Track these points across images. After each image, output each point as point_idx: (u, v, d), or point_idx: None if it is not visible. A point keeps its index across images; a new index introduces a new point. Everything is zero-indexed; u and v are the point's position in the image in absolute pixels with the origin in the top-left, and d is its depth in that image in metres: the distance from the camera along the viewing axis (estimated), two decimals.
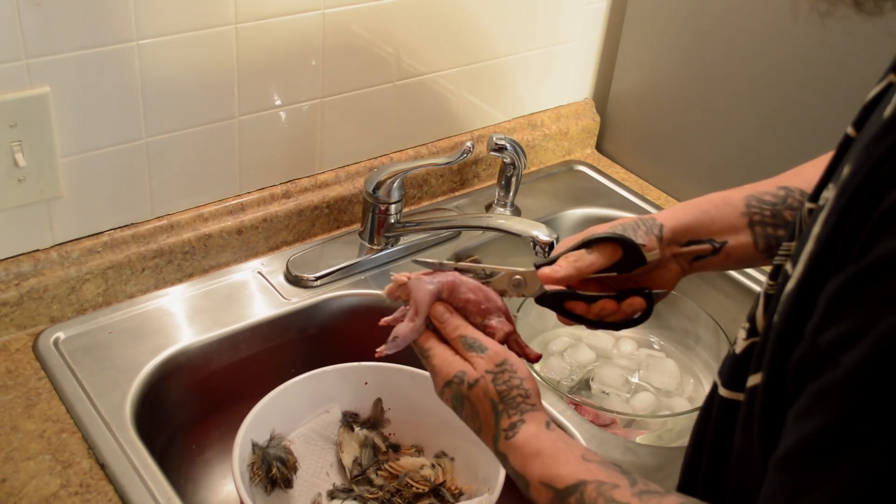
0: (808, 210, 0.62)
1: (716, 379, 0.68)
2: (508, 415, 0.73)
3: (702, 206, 0.87)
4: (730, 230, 0.85)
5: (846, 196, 0.51)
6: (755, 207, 0.85)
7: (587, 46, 1.56)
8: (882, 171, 0.49)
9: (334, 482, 1.10)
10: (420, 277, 0.80)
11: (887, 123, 0.51)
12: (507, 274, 0.83)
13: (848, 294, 0.48)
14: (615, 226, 0.85)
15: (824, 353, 0.48)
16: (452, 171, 1.45)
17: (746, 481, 0.61)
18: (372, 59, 1.29)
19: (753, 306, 0.64)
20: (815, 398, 0.48)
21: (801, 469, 0.48)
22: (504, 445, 0.73)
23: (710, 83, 1.43)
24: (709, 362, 1.30)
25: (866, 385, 0.45)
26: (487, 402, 0.74)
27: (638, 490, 0.65)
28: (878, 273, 0.46)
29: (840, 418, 0.46)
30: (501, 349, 0.76)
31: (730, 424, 0.64)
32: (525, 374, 0.75)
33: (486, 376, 0.74)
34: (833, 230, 0.51)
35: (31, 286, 1.09)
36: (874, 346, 0.45)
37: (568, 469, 0.69)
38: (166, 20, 1.07)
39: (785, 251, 0.63)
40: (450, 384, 0.76)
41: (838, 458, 0.46)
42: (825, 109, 1.27)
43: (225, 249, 1.24)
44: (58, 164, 1.07)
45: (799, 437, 0.49)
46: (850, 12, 0.51)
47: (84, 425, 1.00)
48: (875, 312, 0.45)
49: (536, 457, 0.71)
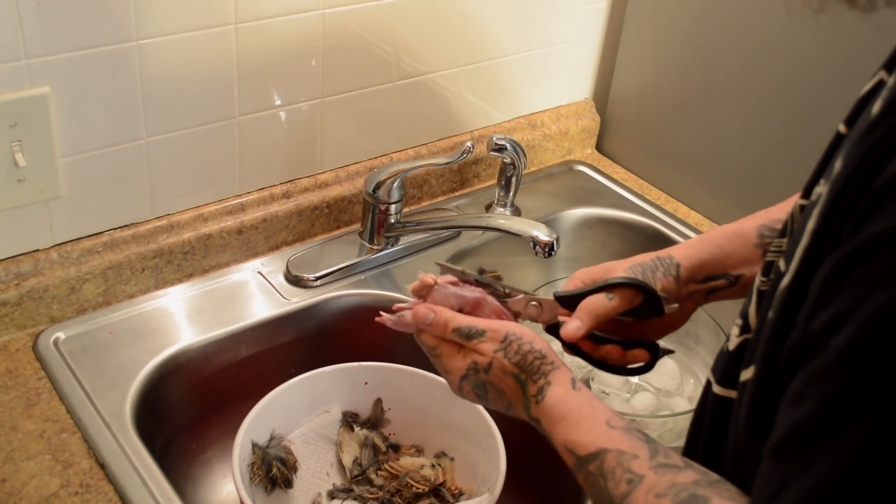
0: (800, 207, 0.62)
1: (709, 376, 0.68)
2: (533, 380, 0.74)
3: (717, 240, 0.88)
4: (745, 263, 0.86)
5: (837, 188, 0.51)
6: (768, 238, 0.86)
7: (587, 46, 1.56)
8: (870, 160, 0.49)
9: (334, 482, 1.10)
10: (446, 286, 0.81)
11: (876, 119, 0.51)
12: (526, 299, 0.84)
13: (837, 277, 0.48)
14: (634, 266, 0.86)
15: (815, 338, 0.49)
16: (452, 171, 1.45)
17: (742, 478, 0.61)
18: (372, 59, 1.29)
19: (746, 303, 0.65)
20: (806, 383, 0.49)
21: (792, 454, 0.49)
22: (535, 410, 0.74)
23: (710, 83, 1.43)
24: (709, 362, 1.29)
25: (855, 366, 0.45)
26: (508, 377, 0.75)
27: (657, 462, 0.65)
28: (864, 254, 0.46)
29: (830, 401, 0.47)
30: (497, 324, 0.77)
31: (724, 421, 0.64)
32: (531, 337, 0.76)
33: (497, 355, 0.75)
34: (825, 221, 0.52)
35: (31, 286, 1.09)
36: (862, 327, 0.45)
37: (591, 436, 0.69)
38: (166, 20, 1.07)
39: (776, 247, 0.64)
40: (466, 377, 0.77)
41: (828, 440, 0.46)
42: (823, 107, 1.27)
43: (225, 249, 1.24)
44: (58, 164, 1.07)
45: (790, 423, 0.49)
46: (842, 8, 0.51)
47: (84, 425, 1.00)
48: (862, 293, 0.46)
49: (562, 421, 0.72)
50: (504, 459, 1.00)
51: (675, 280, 0.85)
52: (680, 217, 1.47)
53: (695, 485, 0.62)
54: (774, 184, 1.35)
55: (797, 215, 0.62)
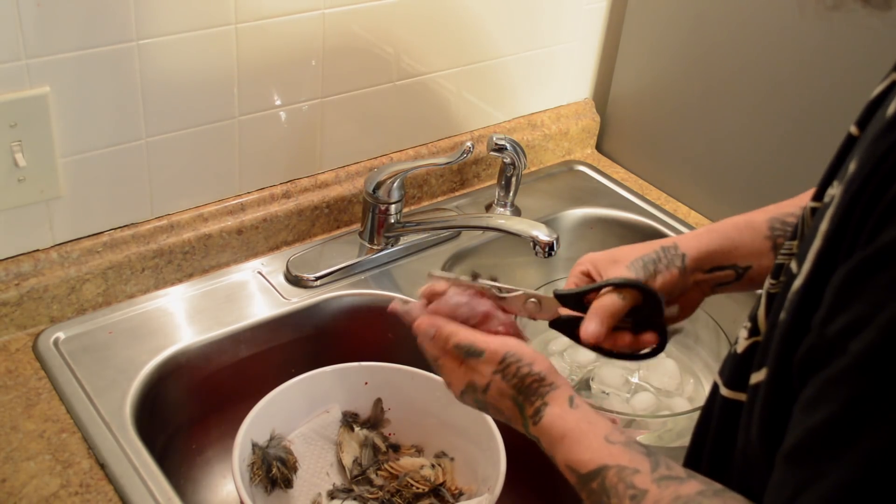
0: (812, 209, 0.61)
1: (717, 379, 0.68)
2: (531, 402, 0.74)
3: (725, 230, 0.86)
4: (753, 255, 0.85)
5: (852, 191, 0.51)
6: (779, 230, 0.85)
7: (587, 46, 1.56)
8: (887, 163, 0.49)
9: (334, 482, 1.10)
10: (456, 296, 0.80)
11: (891, 121, 0.51)
12: (524, 296, 0.83)
13: (855, 282, 0.48)
14: (636, 261, 0.84)
15: (832, 343, 0.48)
16: (452, 171, 1.45)
17: (751, 481, 0.61)
18: (372, 60, 1.29)
19: (755, 306, 0.64)
20: (822, 387, 0.48)
21: (807, 460, 0.48)
22: (534, 430, 0.74)
23: (710, 82, 1.43)
24: (709, 362, 1.30)
25: (874, 371, 0.45)
26: (506, 399, 0.75)
27: (658, 475, 0.64)
28: (884, 259, 0.46)
29: (847, 406, 0.46)
30: (497, 344, 0.76)
31: (732, 424, 0.64)
32: (531, 359, 0.75)
33: (495, 377, 0.75)
34: (840, 224, 0.51)
35: (31, 286, 1.09)
36: (881, 332, 0.45)
37: (590, 454, 0.69)
38: (166, 20, 1.07)
39: (787, 250, 0.63)
40: (465, 393, 0.78)
41: (845, 446, 0.46)
42: (830, 107, 1.27)
43: (225, 249, 1.24)
44: (58, 164, 1.07)
45: (806, 428, 0.49)
46: (857, 6, 0.51)
47: (84, 425, 1.00)
48: (881, 298, 0.45)
49: (562, 440, 0.71)
50: (504, 459, 1.00)
51: (681, 271, 0.84)
52: (680, 217, 1.47)
53: (699, 496, 0.61)
54: (775, 184, 1.35)
55: (808, 218, 0.62)
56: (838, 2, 0.51)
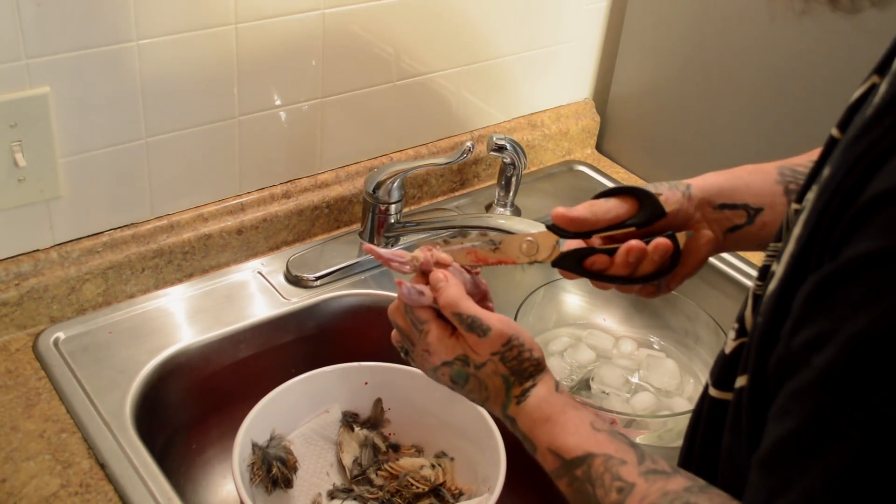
0: (794, 211, 0.61)
1: (707, 379, 0.68)
2: (520, 383, 0.73)
3: (734, 172, 0.85)
4: (765, 196, 0.82)
5: (825, 197, 0.51)
6: (789, 176, 0.84)
7: (587, 46, 1.56)
8: (857, 169, 0.49)
9: (334, 482, 1.10)
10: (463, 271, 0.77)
11: (865, 124, 0.51)
12: (518, 238, 0.79)
13: (820, 296, 0.48)
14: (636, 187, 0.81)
15: (797, 355, 0.49)
16: (452, 171, 1.45)
17: (734, 481, 0.61)
18: (372, 59, 1.29)
19: (742, 306, 0.64)
20: (789, 399, 0.49)
21: (776, 469, 0.49)
22: (514, 410, 0.73)
23: (710, 83, 1.43)
24: (709, 362, 1.29)
25: (835, 386, 0.46)
26: (498, 377, 0.74)
27: (645, 468, 0.65)
28: (847, 275, 0.46)
29: (811, 419, 0.47)
30: (504, 325, 0.73)
31: (719, 424, 0.64)
32: (532, 345, 0.74)
33: (493, 358, 0.73)
34: (811, 231, 0.52)
35: (31, 286, 1.09)
36: (843, 348, 0.45)
37: (576, 439, 0.68)
38: (166, 20, 1.07)
39: (772, 251, 0.63)
40: (450, 364, 0.74)
41: (810, 457, 0.46)
42: (824, 109, 1.27)
43: (225, 249, 1.24)
44: (58, 164, 1.07)
45: (775, 438, 0.49)
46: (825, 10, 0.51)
47: (84, 425, 1.00)
48: (843, 314, 0.46)
49: (545, 423, 0.71)
50: (504, 459, 1.00)
51: (685, 195, 0.81)
52: None
53: (686, 492, 0.61)
54: None
55: (791, 219, 0.61)
56: (807, 7, 0.51)
